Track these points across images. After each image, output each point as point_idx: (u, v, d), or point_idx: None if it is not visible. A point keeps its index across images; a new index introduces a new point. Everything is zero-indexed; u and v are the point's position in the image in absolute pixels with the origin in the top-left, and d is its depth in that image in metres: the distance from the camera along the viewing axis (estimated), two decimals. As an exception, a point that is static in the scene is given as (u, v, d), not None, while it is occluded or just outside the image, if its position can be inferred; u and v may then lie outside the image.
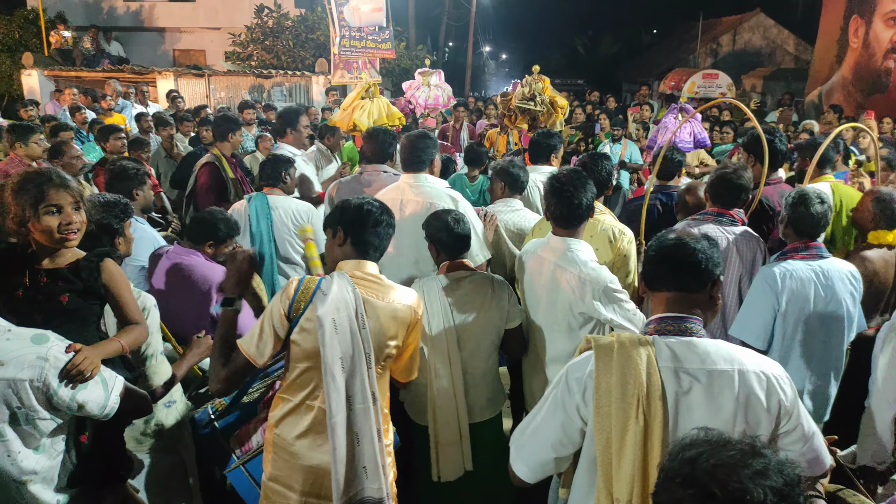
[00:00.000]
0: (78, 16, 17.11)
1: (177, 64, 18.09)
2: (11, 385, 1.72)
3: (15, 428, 1.78)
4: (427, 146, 3.30)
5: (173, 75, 13.15)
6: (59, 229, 1.99)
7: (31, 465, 1.82)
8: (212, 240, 3.02)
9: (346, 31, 11.70)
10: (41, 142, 5.15)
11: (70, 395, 1.78)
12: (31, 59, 13.31)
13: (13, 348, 1.73)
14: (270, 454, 2.15)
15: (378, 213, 2.16)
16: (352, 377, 2.02)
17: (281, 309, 2.03)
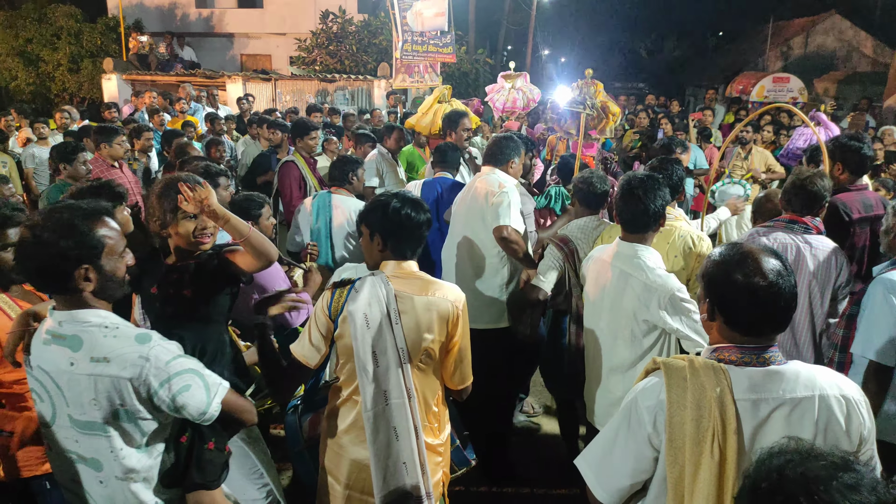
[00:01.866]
0: (154, 22, 17.94)
1: (244, 68, 18.71)
2: (115, 383, 1.73)
3: (118, 425, 1.79)
4: (508, 147, 3.64)
5: (242, 79, 13.62)
6: (194, 233, 2.16)
7: (133, 463, 1.84)
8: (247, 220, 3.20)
9: (409, 36, 11.84)
10: (123, 143, 5.44)
11: (170, 396, 1.77)
12: (111, 64, 14.03)
13: (118, 346, 1.74)
14: (325, 444, 2.23)
15: (415, 216, 2.18)
16: (386, 372, 2.06)
17: (323, 310, 2.15)
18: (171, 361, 1.78)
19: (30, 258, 1.71)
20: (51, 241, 1.68)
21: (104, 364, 1.72)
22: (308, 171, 5.03)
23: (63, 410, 1.81)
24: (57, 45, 16.38)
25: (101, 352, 1.73)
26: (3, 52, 16.90)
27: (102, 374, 1.73)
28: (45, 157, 6.90)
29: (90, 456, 1.83)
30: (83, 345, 1.74)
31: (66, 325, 1.77)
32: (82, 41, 16.40)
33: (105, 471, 1.83)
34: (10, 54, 16.64)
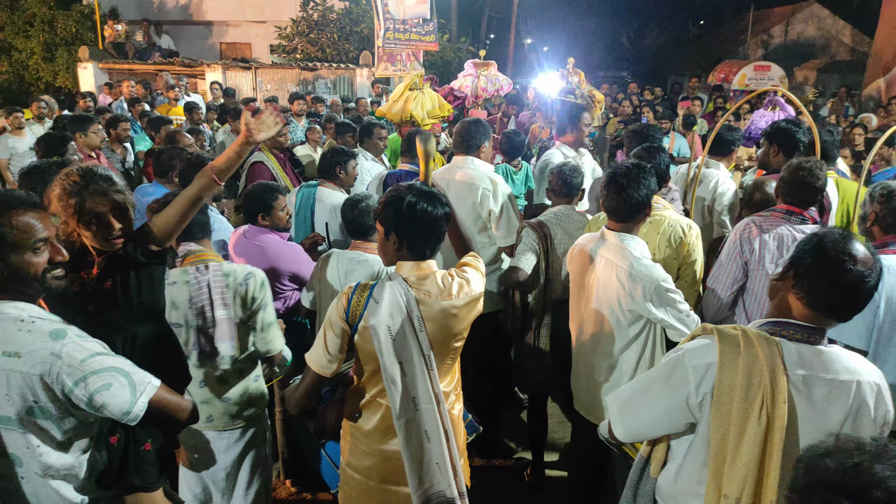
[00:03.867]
0: (130, 10, 17.56)
1: (223, 57, 18.42)
2: (26, 379, 1.66)
3: (32, 422, 1.72)
4: (478, 132, 3.63)
5: (221, 68, 13.42)
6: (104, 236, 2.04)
7: (52, 460, 1.77)
8: (261, 211, 3.20)
9: (391, 24, 11.75)
10: (99, 132, 5.36)
11: (87, 395, 1.68)
12: (86, 53, 13.74)
13: (30, 341, 1.66)
14: (348, 442, 2.18)
15: (432, 210, 2.02)
16: (413, 379, 2.00)
17: (338, 317, 2.03)
18: (88, 360, 1.69)
19: None
20: None
21: (15, 359, 1.65)
22: (279, 168, 4.78)
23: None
24: (30, 32, 15.99)
25: (13, 346, 1.65)
26: (-26, 41, 16.51)
27: (13, 370, 1.65)
28: (20, 147, 6.76)
29: (10, 451, 1.76)
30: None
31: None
32: (56, 29, 16.02)
33: (24, 467, 1.77)
34: (-18, 42, 16.26)
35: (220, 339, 2.41)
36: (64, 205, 2.00)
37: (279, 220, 3.25)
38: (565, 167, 3.44)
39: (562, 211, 3.40)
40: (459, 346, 2.14)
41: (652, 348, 2.66)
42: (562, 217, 3.37)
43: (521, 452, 3.92)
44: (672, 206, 3.16)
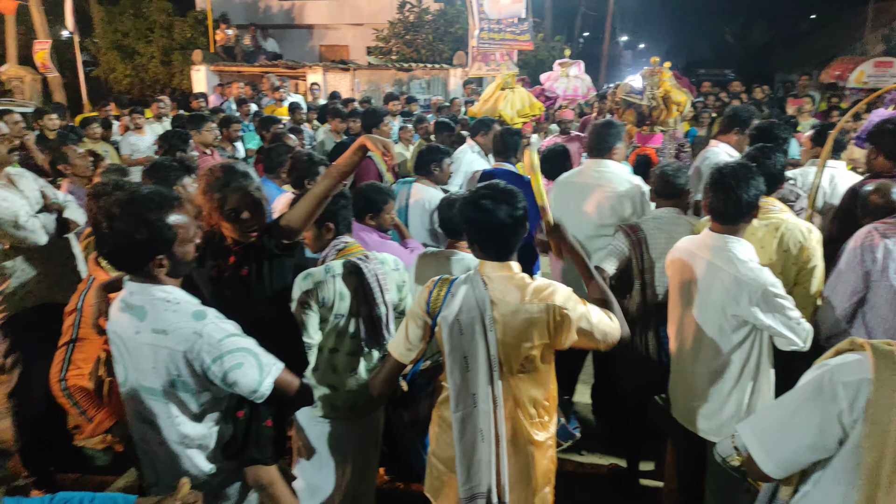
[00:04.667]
0: (239, 15, 18.57)
1: (322, 59, 19.12)
2: (171, 354, 1.84)
3: (174, 394, 1.90)
4: (610, 134, 3.61)
5: (322, 69, 13.94)
6: (242, 229, 2.20)
7: (188, 430, 1.94)
8: (371, 211, 3.24)
9: (486, 24, 11.81)
10: (213, 129, 5.73)
11: (222, 372, 1.84)
12: (199, 56, 14.65)
13: (175, 320, 1.84)
14: (435, 432, 2.24)
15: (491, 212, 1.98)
16: (475, 377, 2.02)
17: (420, 308, 2.13)
18: (224, 340, 1.85)
19: (104, 244, 1.84)
20: (125, 232, 1.78)
21: (163, 336, 1.83)
22: (382, 163, 5.05)
23: (132, 373, 1.95)
24: (151, 38, 17.29)
25: (161, 324, 1.84)
26: (103, 46, 18.00)
27: (161, 346, 1.84)
28: (141, 145, 7.32)
29: (151, 419, 1.95)
30: (147, 316, 1.86)
31: (136, 295, 1.89)
32: (173, 34, 17.24)
33: (164, 434, 1.95)
34: (110, 48, 17.70)
35: (391, 321, 2.51)
36: (208, 198, 2.17)
37: (384, 222, 3.30)
38: (668, 167, 3.31)
39: (664, 214, 3.29)
40: (534, 354, 2.04)
41: (758, 357, 2.54)
42: (664, 220, 3.25)
43: (614, 459, 3.85)
44: (788, 209, 3.01)
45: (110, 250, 1.85)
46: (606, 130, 3.64)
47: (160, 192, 1.90)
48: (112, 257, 1.89)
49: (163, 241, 1.83)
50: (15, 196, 3.22)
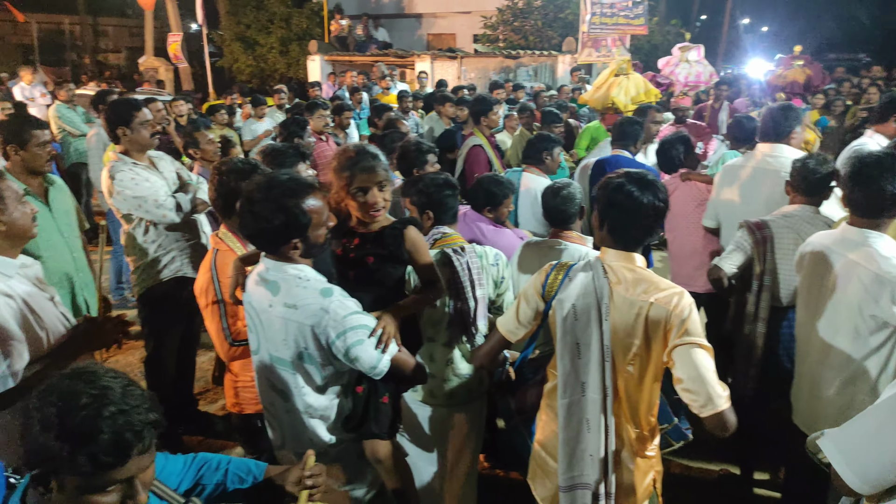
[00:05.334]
0: (352, 6, 19.14)
1: (430, 47, 19.34)
2: (300, 328, 1.95)
3: (301, 366, 2.01)
4: (788, 117, 3.47)
5: (430, 58, 14.10)
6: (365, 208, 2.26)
7: (311, 401, 2.06)
8: (490, 204, 3.25)
9: (598, 8, 11.48)
10: (324, 116, 6.00)
11: (345, 347, 1.93)
12: (315, 46, 15.26)
13: (305, 296, 1.95)
14: (542, 420, 2.23)
15: (638, 198, 1.91)
16: (587, 365, 1.98)
17: (535, 291, 2.13)
18: (348, 316, 1.94)
19: (246, 226, 1.98)
20: (265, 217, 1.90)
21: (293, 310, 1.95)
22: (491, 151, 5.09)
23: (264, 343, 2.08)
24: (270, 29, 18.21)
25: (293, 299, 1.96)
26: (227, 38, 19.15)
27: (291, 319, 1.95)
28: (259, 130, 7.73)
29: (280, 387, 2.08)
30: (280, 290, 1.98)
31: (272, 271, 2.02)
32: (291, 25, 18.07)
33: (290, 402, 2.08)
34: (233, 39, 18.81)
35: (480, 316, 2.52)
36: (338, 177, 2.26)
37: (501, 215, 3.31)
38: (810, 160, 3.03)
39: (798, 212, 3.03)
40: (639, 355, 1.95)
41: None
42: (795, 219, 3.01)
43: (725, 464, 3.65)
44: None
45: (252, 232, 1.99)
46: (784, 114, 3.47)
47: (296, 178, 2.00)
48: (253, 238, 2.04)
49: (298, 226, 1.94)
50: (156, 177, 3.50)
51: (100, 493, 1.21)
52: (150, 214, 3.43)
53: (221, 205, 2.69)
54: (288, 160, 3.20)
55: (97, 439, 1.17)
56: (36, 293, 2.31)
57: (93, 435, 1.17)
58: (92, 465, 1.17)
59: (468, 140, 5.24)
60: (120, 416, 1.20)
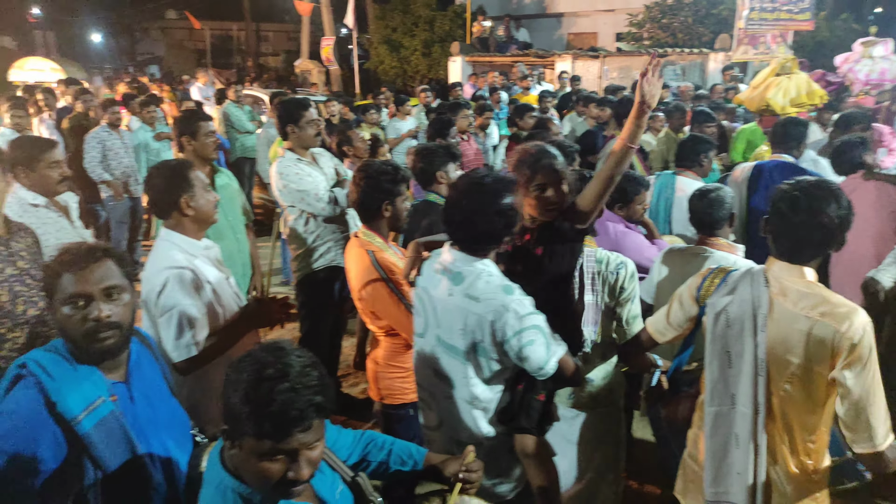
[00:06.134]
0: (494, 7, 19.33)
1: (569, 47, 19.04)
2: (479, 320, 1.99)
3: (474, 357, 2.06)
4: None
5: (571, 57, 13.90)
6: (543, 207, 2.27)
7: (478, 392, 2.10)
8: (620, 201, 3.19)
9: (757, 3, 10.72)
10: (468, 116, 6.11)
11: (518, 346, 1.97)
12: (457, 48, 15.60)
13: (488, 290, 2.00)
14: (694, 433, 2.16)
15: (824, 211, 1.78)
16: (738, 376, 1.88)
17: (689, 294, 2.08)
18: (526, 316, 1.97)
19: (462, 230, 2.06)
20: (487, 222, 1.99)
21: (474, 302, 2.00)
22: (633, 155, 4.92)
23: (433, 329, 2.15)
24: (415, 32, 18.84)
25: (475, 292, 2.01)
26: (375, 41, 20.07)
27: (471, 311, 2.00)
28: (403, 129, 8.03)
29: (446, 374, 2.14)
30: (464, 281, 2.04)
31: (458, 263, 2.08)
32: (434, 28, 18.58)
33: (455, 390, 2.13)
34: (380, 42, 19.68)
35: (585, 322, 2.49)
36: (518, 174, 2.29)
37: (634, 213, 3.23)
38: None
39: None
40: (797, 374, 1.80)
41: None
42: None
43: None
44: None
45: (463, 236, 2.06)
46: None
47: (503, 179, 2.06)
48: (463, 242, 2.08)
49: (511, 227, 2.03)
50: (317, 172, 3.77)
51: (267, 460, 1.31)
52: (310, 207, 3.69)
53: (364, 206, 2.70)
54: (438, 159, 3.31)
55: (268, 410, 1.27)
56: (216, 273, 2.58)
57: (266, 405, 1.27)
58: (261, 432, 1.28)
59: (610, 142, 5.12)
60: (290, 393, 1.29)
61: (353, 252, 2.72)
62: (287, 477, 1.32)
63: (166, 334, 2.32)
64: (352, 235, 2.83)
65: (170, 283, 2.32)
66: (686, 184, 3.74)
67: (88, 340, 1.61)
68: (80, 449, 1.56)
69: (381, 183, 2.62)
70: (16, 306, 2.43)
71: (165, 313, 2.32)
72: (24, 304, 2.46)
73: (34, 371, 1.58)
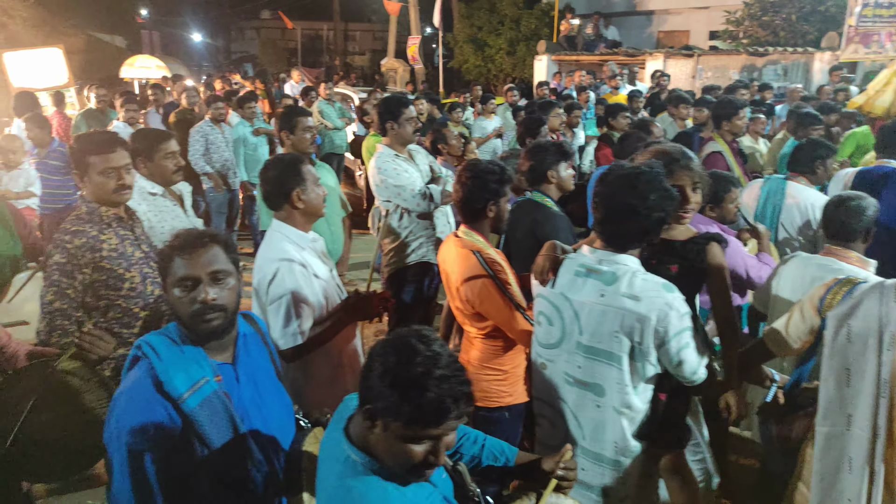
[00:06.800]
0: (582, 4, 18.99)
1: (659, 45, 18.45)
2: (640, 320, 1.90)
3: (630, 361, 1.96)
4: None
5: (662, 56, 13.46)
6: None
7: (632, 400, 2.00)
8: (711, 201, 3.07)
9: (871, -1, 10.02)
10: (559, 115, 6.03)
11: (677, 349, 1.89)
12: (543, 47, 15.43)
13: (648, 288, 1.92)
14: (808, 454, 2.04)
15: None
16: (856, 396, 1.76)
17: (811, 305, 1.99)
18: (685, 316, 1.90)
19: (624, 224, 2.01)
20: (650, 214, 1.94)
21: (634, 301, 1.92)
22: (732, 159, 4.67)
23: (573, 336, 2.05)
24: (500, 31, 18.81)
25: (634, 290, 1.94)
26: (460, 40, 20.16)
27: (630, 310, 1.91)
28: (489, 129, 8.02)
29: (592, 381, 2.04)
30: (618, 281, 1.96)
31: (605, 262, 2.01)
32: (521, 26, 18.47)
33: (606, 398, 2.03)
34: (465, 41, 19.76)
35: None
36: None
37: (727, 212, 3.11)
38: None
39: None
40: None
41: None
42: None
43: None
44: None
45: (612, 231, 2.01)
46: None
47: (657, 171, 2.00)
48: (611, 238, 2.03)
49: (662, 222, 1.99)
50: (413, 169, 3.81)
51: (414, 443, 1.34)
52: (406, 202, 3.74)
53: (469, 204, 2.63)
54: (549, 157, 3.18)
55: (424, 396, 1.30)
56: (321, 265, 2.65)
57: (421, 391, 1.30)
58: (414, 417, 1.31)
59: (706, 146, 4.87)
60: (445, 381, 1.31)
61: (453, 252, 2.65)
62: (428, 460, 1.36)
63: (275, 322, 2.40)
64: (451, 235, 2.77)
65: (280, 273, 2.40)
66: (798, 190, 3.53)
67: (195, 321, 1.68)
68: (188, 426, 1.64)
69: (488, 183, 2.56)
70: (146, 287, 2.60)
71: (275, 302, 2.40)
72: (152, 285, 2.63)
73: (146, 352, 1.67)
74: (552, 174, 3.16)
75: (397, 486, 1.41)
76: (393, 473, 1.41)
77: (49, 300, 2.44)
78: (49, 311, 2.43)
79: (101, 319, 2.54)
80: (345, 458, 1.44)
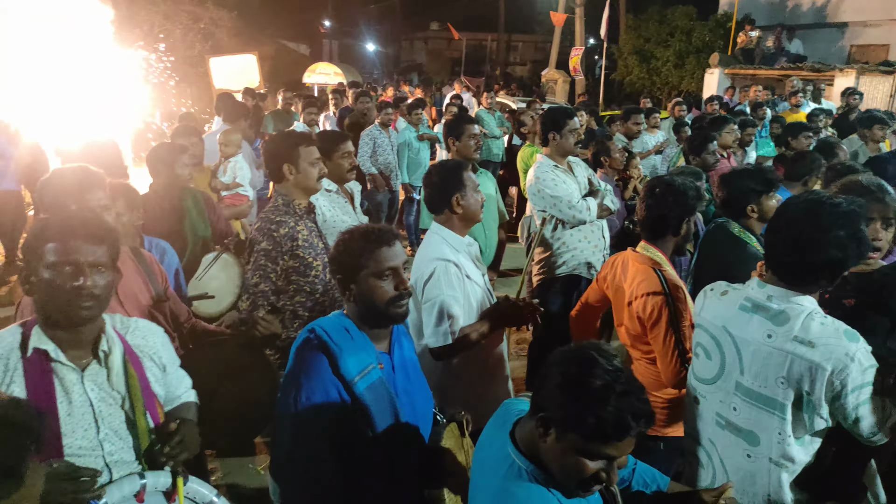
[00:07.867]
0: (763, 15, 17.67)
1: (852, 60, 16.66)
2: (812, 368, 1.70)
3: (795, 411, 1.77)
4: None
5: (855, 72, 12.17)
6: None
7: (793, 452, 1.81)
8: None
9: None
10: (733, 132, 5.70)
11: (854, 405, 1.68)
12: (716, 59, 14.57)
13: (826, 335, 1.71)
14: None
15: None
16: None
17: None
18: (869, 369, 1.69)
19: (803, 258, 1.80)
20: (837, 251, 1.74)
21: (807, 347, 1.72)
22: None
23: (733, 375, 1.90)
24: (669, 42, 18.06)
25: (809, 335, 1.72)
26: (625, 51, 19.66)
27: (802, 356, 1.72)
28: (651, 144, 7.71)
29: (747, 428, 1.88)
30: (790, 323, 1.77)
31: (776, 299, 1.82)
32: (692, 38, 17.60)
33: (760, 447, 1.85)
34: (630, 53, 19.22)
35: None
36: None
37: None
38: None
39: None
40: None
41: None
42: None
43: None
44: None
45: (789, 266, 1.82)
46: None
47: (849, 204, 1.77)
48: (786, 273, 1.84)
49: (847, 261, 1.76)
50: (571, 181, 3.80)
51: (589, 458, 1.34)
52: (562, 213, 3.74)
53: (664, 221, 2.55)
54: (748, 187, 2.90)
55: (605, 409, 1.29)
56: (475, 270, 2.73)
57: (602, 404, 1.30)
58: (595, 431, 1.31)
59: None
60: (626, 397, 1.31)
61: (629, 267, 2.61)
62: (599, 477, 1.35)
63: (427, 320, 2.52)
64: (629, 251, 2.71)
65: (436, 274, 2.51)
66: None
67: (389, 307, 1.83)
68: (357, 407, 1.76)
69: (688, 199, 2.48)
70: (326, 274, 2.85)
71: (429, 301, 2.51)
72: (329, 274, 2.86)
73: (321, 336, 1.81)
74: (752, 209, 2.89)
75: (559, 497, 1.42)
76: (557, 483, 1.42)
77: (255, 282, 2.73)
78: (254, 292, 2.73)
79: (288, 302, 2.81)
80: (510, 463, 1.47)
